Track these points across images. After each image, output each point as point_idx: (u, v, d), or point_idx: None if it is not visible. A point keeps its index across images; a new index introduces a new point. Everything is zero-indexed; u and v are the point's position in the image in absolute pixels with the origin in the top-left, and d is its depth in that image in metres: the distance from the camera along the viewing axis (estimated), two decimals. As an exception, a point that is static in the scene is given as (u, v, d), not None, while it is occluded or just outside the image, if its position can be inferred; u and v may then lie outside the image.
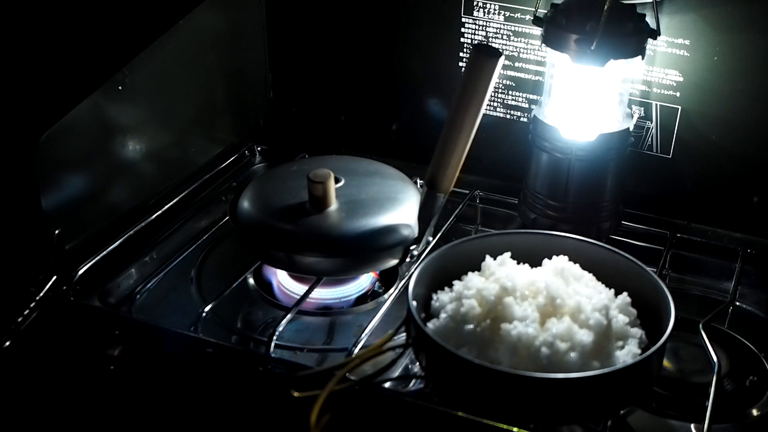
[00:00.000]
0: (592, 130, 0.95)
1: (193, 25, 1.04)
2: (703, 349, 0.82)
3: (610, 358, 0.73)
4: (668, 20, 0.98)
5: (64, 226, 0.90)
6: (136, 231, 0.99)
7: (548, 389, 0.69)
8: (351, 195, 0.92)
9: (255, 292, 0.94)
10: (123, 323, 0.88)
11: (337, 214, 0.90)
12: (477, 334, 0.75)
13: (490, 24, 1.08)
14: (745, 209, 1.04)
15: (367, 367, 0.80)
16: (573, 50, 0.90)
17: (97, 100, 0.92)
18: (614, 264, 0.83)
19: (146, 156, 1.02)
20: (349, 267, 0.90)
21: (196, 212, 1.08)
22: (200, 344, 0.85)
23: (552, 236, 0.87)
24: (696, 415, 0.77)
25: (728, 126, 1.01)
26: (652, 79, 1.02)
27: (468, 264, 0.84)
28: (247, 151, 1.21)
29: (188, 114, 1.09)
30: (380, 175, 0.97)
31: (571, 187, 0.97)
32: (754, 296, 0.97)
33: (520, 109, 1.11)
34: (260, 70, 1.20)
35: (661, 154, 1.05)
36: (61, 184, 0.90)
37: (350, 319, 0.92)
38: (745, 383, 0.82)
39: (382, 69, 1.17)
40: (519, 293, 0.78)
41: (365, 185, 0.94)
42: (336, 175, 0.91)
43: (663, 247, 1.00)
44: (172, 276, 0.95)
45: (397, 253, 0.89)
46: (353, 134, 1.22)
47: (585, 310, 0.76)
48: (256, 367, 0.82)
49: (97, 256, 0.94)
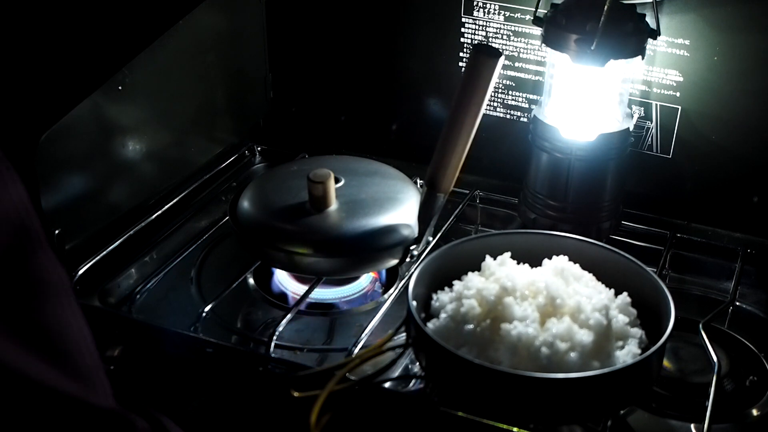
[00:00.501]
0: (592, 130, 0.95)
1: (193, 25, 1.04)
2: (703, 349, 0.82)
3: (610, 358, 0.73)
4: (668, 20, 0.98)
5: (64, 226, 0.90)
6: (136, 231, 0.99)
7: (548, 389, 0.69)
8: (351, 195, 0.92)
9: (255, 292, 0.94)
10: (123, 323, 0.88)
11: (337, 214, 0.90)
12: (477, 334, 0.75)
13: (490, 24, 1.08)
14: (745, 209, 1.04)
15: (367, 367, 0.80)
16: (573, 50, 0.90)
17: (97, 100, 0.93)
18: (614, 264, 0.83)
19: (146, 156, 1.02)
20: (349, 267, 0.90)
21: (196, 212, 1.08)
22: (200, 344, 0.85)
23: (552, 236, 0.87)
24: (696, 415, 0.77)
25: (728, 126, 1.01)
26: (652, 79, 1.02)
27: (468, 264, 0.84)
28: (247, 151, 1.21)
29: (188, 114, 1.09)
30: (380, 175, 0.97)
31: (571, 187, 0.97)
32: (754, 296, 0.97)
33: (520, 109, 1.11)
34: (260, 70, 1.20)
35: (661, 154, 1.05)
36: (61, 184, 0.90)
37: (350, 319, 0.92)
38: (745, 383, 0.82)
39: (382, 69, 1.17)
40: (519, 293, 0.78)
41: (365, 185, 0.94)
42: (336, 175, 0.91)
43: (663, 247, 1.00)
44: (172, 276, 0.95)
45: (397, 253, 0.89)
46: (353, 134, 1.22)
47: (585, 310, 0.76)
48: (256, 367, 0.82)
49: (97, 256, 0.94)
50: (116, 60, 0.95)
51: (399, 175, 0.98)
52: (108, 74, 0.93)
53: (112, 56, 0.95)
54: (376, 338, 0.83)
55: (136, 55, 0.96)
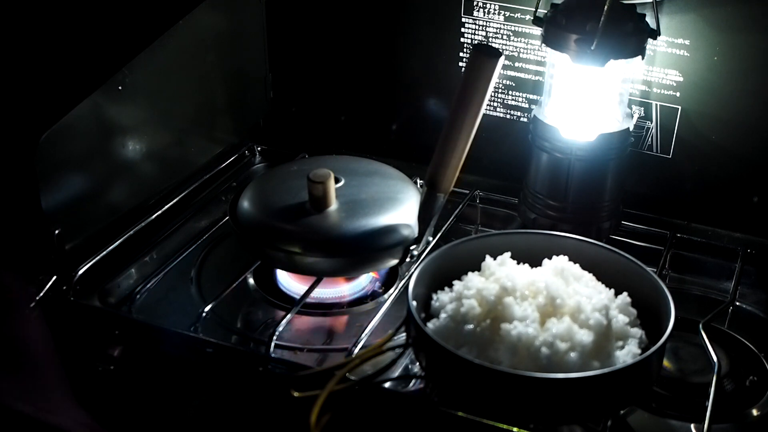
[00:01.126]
0: (592, 130, 0.95)
1: (193, 25, 1.04)
2: (703, 349, 0.82)
3: (610, 358, 0.73)
4: (668, 20, 0.98)
5: (64, 226, 0.90)
6: (136, 231, 0.99)
7: (548, 389, 0.69)
8: (351, 195, 0.92)
9: (255, 292, 0.94)
10: (123, 323, 0.88)
11: (337, 214, 0.90)
12: (477, 334, 0.75)
13: (490, 24, 1.08)
14: (745, 209, 1.04)
15: (367, 367, 0.80)
16: (573, 50, 0.90)
17: (97, 100, 0.92)
18: (614, 264, 0.83)
19: (146, 156, 1.02)
20: (349, 267, 0.90)
21: (196, 212, 1.08)
22: (200, 344, 0.85)
23: (552, 236, 0.87)
24: (696, 415, 0.77)
25: (728, 126, 1.01)
26: (652, 79, 1.02)
27: (468, 264, 0.84)
28: (247, 151, 1.21)
29: (188, 114, 1.09)
30: (380, 175, 0.97)
31: (571, 187, 0.97)
32: (754, 296, 0.97)
33: (520, 109, 1.11)
34: (260, 70, 1.20)
35: (661, 154, 1.05)
36: (61, 184, 0.90)
37: (350, 319, 0.92)
38: (745, 383, 0.82)
39: (382, 69, 1.17)
40: (519, 293, 0.78)
41: (365, 185, 0.94)
42: (336, 175, 0.91)
43: (663, 247, 1.00)
44: (172, 276, 0.95)
45: (397, 253, 0.89)
46: (353, 134, 1.22)
47: (585, 310, 0.76)
48: (256, 367, 0.82)
49: (97, 256, 0.94)
50: (116, 60, 0.95)
51: (399, 174, 0.98)
52: (108, 74, 0.93)
53: (112, 56, 0.95)
54: (376, 338, 0.83)
55: (136, 55, 0.96)
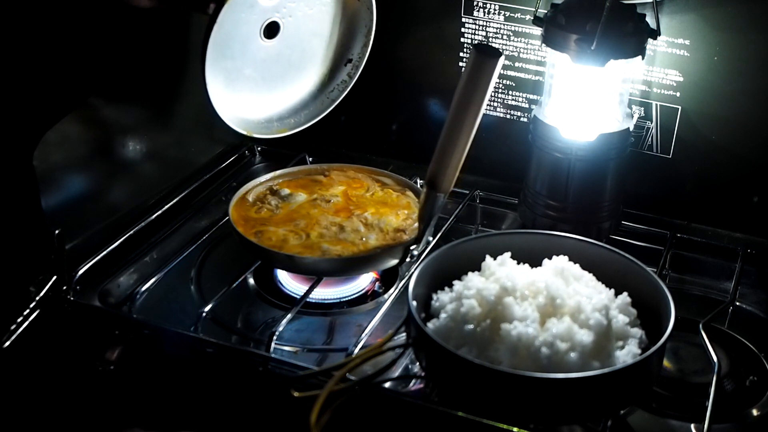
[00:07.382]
0: (592, 130, 0.95)
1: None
2: (703, 349, 0.82)
3: (610, 358, 0.73)
4: (668, 20, 0.98)
5: (64, 226, 0.90)
6: (136, 231, 0.99)
7: (548, 389, 0.69)
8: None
9: (255, 292, 0.94)
10: (123, 323, 0.88)
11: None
12: (477, 334, 0.75)
13: (490, 24, 1.08)
14: (745, 209, 1.04)
15: (367, 367, 0.80)
16: (573, 50, 0.90)
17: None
18: (614, 264, 0.83)
19: (146, 156, 1.02)
20: (349, 267, 0.90)
21: (196, 212, 1.07)
22: (200, 344, 0.85)
23: (552, 236, 0.87)
24: (696, 415, 0.77)
25: (728, 126, 1.01)
26: (652, 79, 1.02)
27: (468, 264, 0.84)
28: (247, 151, 1.21)
29: (188, 114, 1.09)
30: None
31: (571, 187, 0.97)
32: (754, 296, 0.97)
33: (520, 109, 1.11)
34: (260, 70, 1.20)
35: (661, 154, 1.05)
36: (61, 184, 0.90)
37: (350, 319, 0.92)
38: (745, 383, 0.82)
39: (382, 69, 1.16)
40: (519, 293, 0.78)
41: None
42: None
43: (663, 247, 1.00)
44: (172, 276, 0.95)
45: (397, 253, 0.89)
46: (353, 134, 1.21)
47: (585, 310, 0.76)
48: (256, 367, 0.82)
49: (97, 256, 0.94)
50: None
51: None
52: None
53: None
54: (376, 338, 0.83)
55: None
